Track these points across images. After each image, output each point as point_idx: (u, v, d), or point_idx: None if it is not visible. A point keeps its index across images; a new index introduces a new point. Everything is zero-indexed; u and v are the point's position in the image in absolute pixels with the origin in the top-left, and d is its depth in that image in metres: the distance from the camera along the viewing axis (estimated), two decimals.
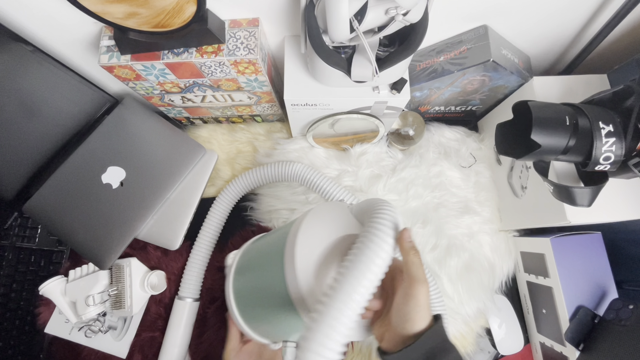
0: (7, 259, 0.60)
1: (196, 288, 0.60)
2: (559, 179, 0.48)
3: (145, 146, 0.60)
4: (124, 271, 0.57)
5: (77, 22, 0.46)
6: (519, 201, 0.59)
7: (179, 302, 0.58)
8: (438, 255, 0.61)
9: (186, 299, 0.58)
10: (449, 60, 0.54)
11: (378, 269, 0.28)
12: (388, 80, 0.47)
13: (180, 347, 0.56)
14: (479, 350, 0.63)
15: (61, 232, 0.56)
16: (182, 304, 0.58)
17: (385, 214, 0.30)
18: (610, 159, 0.40)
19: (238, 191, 0.63)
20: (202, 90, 0.55)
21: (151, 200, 0.58)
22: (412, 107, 0.65)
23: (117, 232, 0.56)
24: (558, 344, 0.56)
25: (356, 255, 0.28)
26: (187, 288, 0.59)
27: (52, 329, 0.59)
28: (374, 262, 0.28)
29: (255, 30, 0.47)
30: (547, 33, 0.54)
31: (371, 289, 0.27)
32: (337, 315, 0.26)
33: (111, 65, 0.48)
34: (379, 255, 0.28)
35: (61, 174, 0.57)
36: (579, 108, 0.42)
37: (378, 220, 0.30)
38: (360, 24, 0.36)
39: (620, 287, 0.55)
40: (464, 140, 0.68)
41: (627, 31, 0.52)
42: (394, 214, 0.31)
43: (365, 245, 0.28)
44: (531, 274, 0.61)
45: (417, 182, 0.64)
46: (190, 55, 0.47)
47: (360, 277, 0.27)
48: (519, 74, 0.53)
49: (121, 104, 0.60)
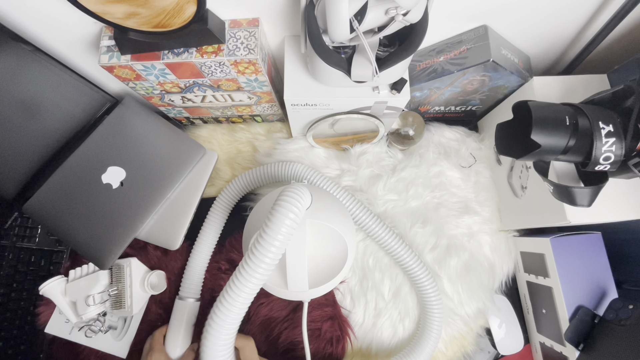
0: (7, 259, 0.60)
1: (197, 288, 0.59)
2: (559, 179, 0.48)
3: (145, 146, 0.60)
4: (124, 271, 0.57)
5: (77, 22, 0.46)
6: (519, 201, 0.59)
7: (180, 303, 0.58)
8: (438, 255, 0.61)
9: (187, 299, 0.58)
10: (449, 60, 0.54)
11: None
12: (388, 80, 0.47)
13: (182, 347, 0.56)
14: (479, 350, 0.63)
15: (61, 232, 0.56)
16: (183, 304, 0.58)
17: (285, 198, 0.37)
18: (610, 159, 0.40)
19: (238, 191, 0.63)
20: (202, 90, 0.55)
21: (151, 200, 0.58)
22: (412, 107, 0.65)
23: (117, 232, 0.56)
24: (558, 344, 0.56)
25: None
26: (188, 288, 0.59)
27: (52, 329, 0.59)
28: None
29: (255, 30, 0.47)
30: (547, 33, 0.54)
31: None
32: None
33: (111, 65, 0.48)
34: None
35: (61, 174, 0.57)
36: (579, 108, 0.42)
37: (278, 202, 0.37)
38: (360, 24, 0.36)
39: (620, 287, 0.55)
40: (464, 140, 0.68)
41: (627, 31, 0.52)
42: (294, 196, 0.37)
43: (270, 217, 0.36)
44: (531, 274, 0.61)
45: (417, 182, 0.64)
46: (190, 55, 0.47)
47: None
48: (519, 74, 0.53)
49: (121, 104, 0.60)
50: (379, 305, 0.60)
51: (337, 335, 0.58)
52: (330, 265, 0.45)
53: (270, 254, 0.35)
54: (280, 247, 0.36)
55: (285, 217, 0.35)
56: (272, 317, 0.59)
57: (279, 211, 0.36)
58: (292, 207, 0.36)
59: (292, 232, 0.36)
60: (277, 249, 0.35)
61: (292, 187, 0.38)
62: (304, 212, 0.38)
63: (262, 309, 0.59)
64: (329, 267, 0.45)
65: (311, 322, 0.58)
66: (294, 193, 0.37)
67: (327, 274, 0.44)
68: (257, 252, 0.35)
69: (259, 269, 0.35)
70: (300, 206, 0.37)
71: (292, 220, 0.36)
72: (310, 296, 0.47)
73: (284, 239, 0.36)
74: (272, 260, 0.36)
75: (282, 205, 0.36)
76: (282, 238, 0.35)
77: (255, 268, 0.36)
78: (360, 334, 0.60)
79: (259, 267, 0.35)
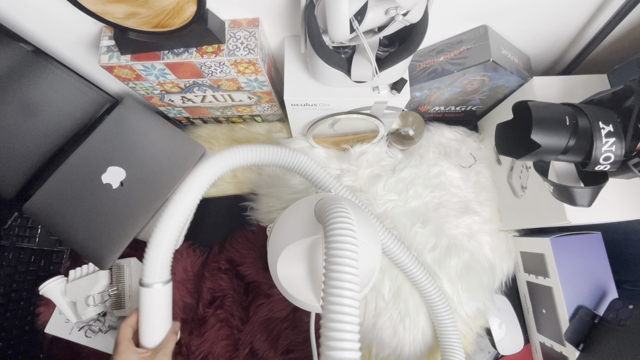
0: (7, 259, 0.60)
1: (165, 268, 0.45)
2: (559, 179, 0.48)
3: (145, 146, 0.60)
4: (124, 271, 0.57)
5: (77, 22, 0.46)
6: (519, 201, 0.59)
7: (146, 291, 0.44)
8: (438, 255, 0.61)
9: (154, 285, 0.44)
10: (449, 60, 0.54)
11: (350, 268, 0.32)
12: (388, 80, 0.47)
13: (161, 333, 0.47)
14: (479, 350, 0.63)
15: (61, 232, 0.56)
16: (150, 292, 0.44)
17: (336, 218, 0.34)
18: (610, 159, 0.40)
19: (238, 163, 0.48)
20: (202, 90, 0.55)
21: (151, 200, 0.58)
22: (412, 107, 0.65)
23: (117, 232, 0.56)
24: (558, 344, 0.56)
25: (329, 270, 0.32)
26: (153, 270, 0.43)
27: (52, 329, 0.59)
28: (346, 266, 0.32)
29: (255, 30, 0.47)
30: (547, 33, 0.54)
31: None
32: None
33: (111, 65, 0.48)
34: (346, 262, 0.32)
35: (61, 174, 0.57)
36: (579, 108, 0.42)
37: (332, 227, 0.33)
38: (360, 24, 0.36)
39: (620, 287, 0.55)
40: (464, 140, 0.68)
41: (627, 31, 0.52)
42: (345, 216, 0.34)
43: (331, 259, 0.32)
44: (531, 274, 0.61)
45: (417, 182, 0.64)
46: (190, 55, 0.47)
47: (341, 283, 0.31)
48: (519, 74, 0.53)
49: (121, 104, 0.60)
50: (379, 305, 0.60)
51: None
52: (362, 278, 0.42)
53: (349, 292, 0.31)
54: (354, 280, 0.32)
55: (352, 257, 0.32)
56: (272, 317, 0.59)
57: (340, 255, 0.32)
58: (352, 239, 0.33)
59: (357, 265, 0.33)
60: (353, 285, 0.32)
61: (340, 212, 0.35)
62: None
63: (262, 309, 0.59)
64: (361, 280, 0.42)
65: None
66: (346, 224, 0.33)
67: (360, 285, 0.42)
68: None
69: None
70: (356, 235, 0.33)
71: (353, 260, 0.32)
72: None
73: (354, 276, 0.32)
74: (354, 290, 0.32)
75: (340, 243, 0.32)
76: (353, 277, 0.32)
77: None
78: (360, 334, 0.60)
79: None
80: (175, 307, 0.60)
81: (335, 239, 0.33)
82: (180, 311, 0.60)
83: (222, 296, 0.60)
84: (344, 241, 0.32)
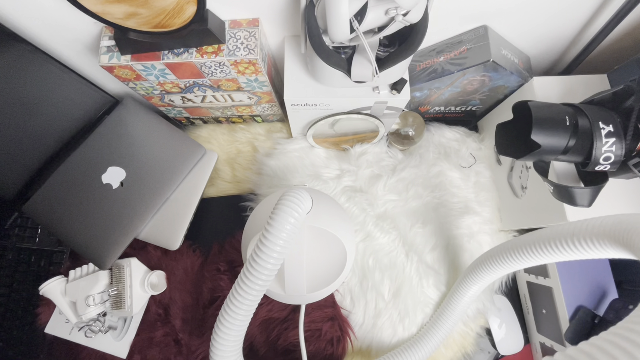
0: (7, 259, 0.61)
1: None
2: (559, 179, 0.48)
3: (145, 146, 0.60)
4: (124, 271, 0.57)
5: (77, 22, 0.46)
6: (519, 201, 0.59)
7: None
8: (438, 255, 0.61)
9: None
10: (449, 61, 0.54)
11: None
12: (388, 81, 0.47)
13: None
14: (479, 351, 0.63)
15: (61, 232, 0.56)
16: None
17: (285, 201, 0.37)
18: (610, 159, 0.40)
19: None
20: (202, 91, 0.55)
21: (151, 200, 0.58)
22: (412, 107, 0.65)
23: (117, 232, 0.56)
24: (558, 344, 0.56)
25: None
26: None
27: (52, 329, 0.59)
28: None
29: (255, 31, 0.47)
30: (547, 33, 0.54)
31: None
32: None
33: (111, 65, 0.48)
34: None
35: (61, 174, 0.57)
36: (579, 108, 0.42)
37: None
38: (360, 24, 0.36)
39: (620, 287, 0.55)
40: (464, 140, 0.68)
41: (627, 31, 0.52)
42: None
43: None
44: (531, 274, 0.61)
45: (417, 182, 0.64)
46: (191, 55, 0.47)
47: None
48: (519, 74, 0.53)
49: (121, 104, 0.60)
50: (379, 305, 0.60)
51: (337, 335, 0.58)
52: (328, 270, 0.45)
53: (272, 259, 0.35)
54: (281, 252, 0.35)
55: (286, 222, 0.35)
56: (272, 317, 0.59)
57: (279, 215, 0.35)
58: (292, 211, 0.36)
59: (293, 237, 0.36)
60: (278, 254, 0.35)
61: (292, 190, 0.38)
62: (304, 217, 0.37)
63: (261, 309, 0.59)
64: (327, 272, 0.45)
65: (311, 322, 0.58)
66: (294, 197, 0.37)
67: (325, 278, 0.44)
68: (258, 259, 0.35)
69: (261, 275, 0.35)
70: (301, 210, 0.36)
71: (292, 225, 0.35)
72: (308, 300, 0.46)
73: (285, 244, 0.35)
74: (274, 266, 0.36)
75: (282, 209, 0.36)
76: (283, 243, 0.35)
77: (257, 275, 0.35)
78: (360, 334, 0.60)
79: (262, 274, 0.35)
80: (175, 307, 0.60)
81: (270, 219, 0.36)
82: (180, 311, 0.60)
83: (222, 296, 0.60)
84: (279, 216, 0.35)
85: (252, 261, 0.36)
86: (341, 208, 0.53)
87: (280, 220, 0.35)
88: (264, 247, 0.35)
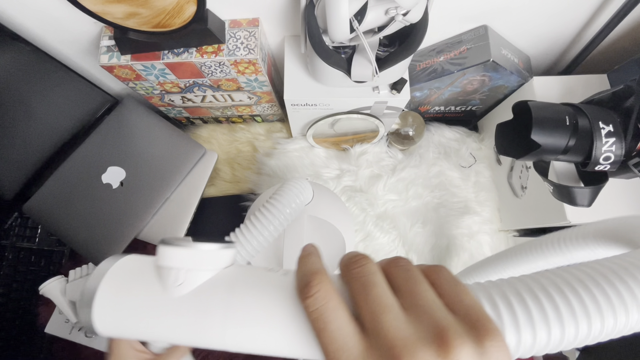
0: (7, 259, 0.60)
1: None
2: (559, 179, 0.48)
3: (145, 146, 0.60)
4: None
5: (77, 22, 0.46)
6: (519, 201, 0.59)
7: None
8: (438, 255, 0.61)
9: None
10: (449, 60, 0.54)
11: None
12: (388, 80, 0.47)
13: None
14: None
15: (61, 232, 0.56)
16: None
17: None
18: (610, 159, 0.40)
19: None
20: (202, 90, 0.55)
21: (151, 200, 0.58)
22: (412, 107, 0.65)
23: (117, 232, 0.56)
24: None
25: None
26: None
27: (52, 329, 0.59)
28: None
29: (255, 30, 0.47)
30: (547, 33, 0.54)
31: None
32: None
33: (111, 65, 0.48)
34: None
35: (61, 174, 0.57)
36: (579, 108, 0.42)
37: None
38: (360, 24, 0.36)
39: None
40: (464, 140, 0.68)
41: (627, 31, 0.52)
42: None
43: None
44: None
45: (417, 182, 0.64)
46: (190, 55, 0.47)
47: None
48: (519, 74, 0.53)
49: (121, 104, 0.60)
50: None
51: None
52: (328, 263, 0.44)
53: (276, 220, 0.35)
54: (284, 220, 0.35)
55: (292, 193, 0.35)
56: None
57: (284, 190, 0.35)
58: (295, 190, 0.36)
59: (290, 217, 0.35)
60: (283, 219, 0.35)
61: (293, 180, 0.38)
62: (304, 203, 0.37)
63: None
64: (327, 265, 0.44)
65: None
66: (294, 186, 0.37)
67: None
68: (276, 202, 0.35)
69: (270, 226, 0.35)
70: (302, 196, 0.37)
71: (293, 208, 0.35)
72: None
73: (287, 218, 0.35)
74: (289, 215, 0.35)
75: (286, 188, 0.36)
76: (288, 214, 0.35)
77: (266, 224, 0.35)
78: None
79: (270, 225, 0.35)
80: None
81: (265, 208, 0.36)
82: None
83: None
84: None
85: (268, 204, 0.35)
86: (341, 201, 0.53)
87: (287, 191, 0.35)
88: (271, 207, 0.35)
